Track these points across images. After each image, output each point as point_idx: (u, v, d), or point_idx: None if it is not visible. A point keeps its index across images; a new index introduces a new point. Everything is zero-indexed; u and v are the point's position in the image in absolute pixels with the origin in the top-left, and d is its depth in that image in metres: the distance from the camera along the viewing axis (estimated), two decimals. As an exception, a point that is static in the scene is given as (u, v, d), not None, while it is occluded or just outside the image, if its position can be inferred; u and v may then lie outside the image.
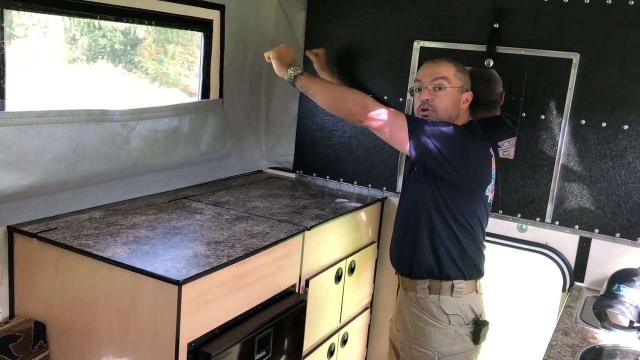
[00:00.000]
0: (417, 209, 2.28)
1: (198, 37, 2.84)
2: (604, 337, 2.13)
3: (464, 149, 2.19)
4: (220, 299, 1.94)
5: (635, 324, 2.21)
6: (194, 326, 1.84)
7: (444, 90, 2.22)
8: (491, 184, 2.31)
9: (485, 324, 2.29)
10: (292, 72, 2.30)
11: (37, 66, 2.36)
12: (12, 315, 2.07)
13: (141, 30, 2.73)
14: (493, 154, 2.32)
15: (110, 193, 2.41)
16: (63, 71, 2.49)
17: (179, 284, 1.74)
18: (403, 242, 2.36)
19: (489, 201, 2.33)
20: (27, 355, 1.97)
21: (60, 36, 2.41)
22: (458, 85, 2.24)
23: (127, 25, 2.56)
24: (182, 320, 1.77)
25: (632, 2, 2.41)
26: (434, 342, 2.26)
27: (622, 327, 2.21)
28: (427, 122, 2.19)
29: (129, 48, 2.76)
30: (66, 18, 2.31)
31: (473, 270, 2.29)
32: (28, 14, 2.15)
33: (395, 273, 2.48)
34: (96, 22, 2.44)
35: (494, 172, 2.32)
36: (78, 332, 1.97)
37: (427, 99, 2.23)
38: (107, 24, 2.50)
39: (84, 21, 2.41)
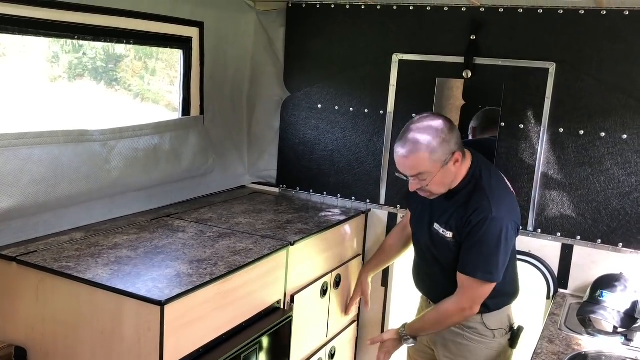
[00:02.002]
0: (453, 268, 2.18)
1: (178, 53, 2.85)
2: (588, 344, 2.14)
3: (511, 242, 2.15)
4: (204, 318, 1.92)
5: (619, 330, 2.22)
6: (178, 346, 1.82)
7: (428, 180, 2.07)
8: None
9: (521, 329, 2.32)
10: (405, 339, 2.32)
11: (17, 86, 2.35)
12: (-8, 340, 2.04)
13: (120, 47, 2.72)
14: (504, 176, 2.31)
15: (91, 213, 2.39)
16: (44, 90, 2.48)
17: (161, 304, 1.72)
18: (436, 286, 2.31)
19: None
20: (8, 381, 1.94)
21: (41, 54, 2.41)
22: (439, 167, 2.04)
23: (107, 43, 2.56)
24: (165, 341, 1.75)
25: (605, 12, 2.46)
26: (482, 358, 2.27)
27: (606, 333, 2.23)
28: (482, 243, 2.08)
29: (111, 65, 2.76)
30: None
31: (512, 298, 2.32)
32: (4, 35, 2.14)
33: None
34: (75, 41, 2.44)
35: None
36: (60, 356, 1.94)
37: (419, 188, 2.10)
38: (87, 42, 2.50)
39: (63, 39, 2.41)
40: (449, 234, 2.16)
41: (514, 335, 2.31)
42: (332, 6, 3.00)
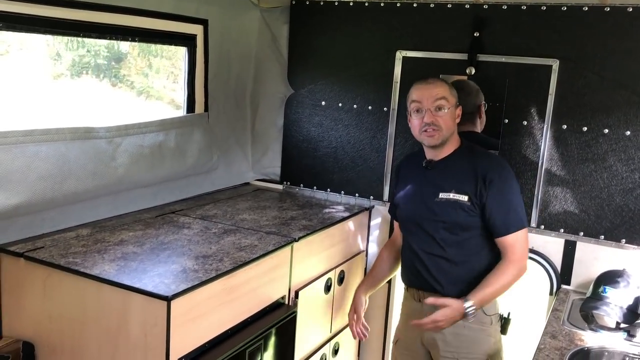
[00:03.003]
0: (466, 240, 2.29)
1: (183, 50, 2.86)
2: (591, 339, 2.15)
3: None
4: (209, 313, 1.94)
5: (622, 325, 2.23)
6: (184, 341, 1.84)
7: (444, 111, 2.24)
8: None
9: (510, 316, 2.42)
10: (469, 313, 2.20)
11: (22, 83, 2.36)
12: None
13: (125, 45, 2.73)
14: None
15: (97, 210, 2.41)
16: (50, 87, 2.49)
17: (167, 299, 1.74)
18: (448, 271, 2.30)
19: None
20: (16, 376, 1.95)
21: (45, 52, 2.42)
22: (454, 103, 2.28)
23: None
24: (171, 336, 1.77)
25: (608, 9, 2.46)
26: (484, 346, 2.32)
27: (609, 329, 2.24)
28: (511, 196, 2.26)
29: (113, 63, 2.77)
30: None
31: None
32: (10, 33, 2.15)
33: (407, 288, 2.49)
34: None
35: None
36: (67, 351, 1.96)
37: (432, 121, 2.24)
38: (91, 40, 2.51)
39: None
40: (465, 197, 2.26)
41: (504, 322, 2.41)
42: (336, 3, 3.01)
